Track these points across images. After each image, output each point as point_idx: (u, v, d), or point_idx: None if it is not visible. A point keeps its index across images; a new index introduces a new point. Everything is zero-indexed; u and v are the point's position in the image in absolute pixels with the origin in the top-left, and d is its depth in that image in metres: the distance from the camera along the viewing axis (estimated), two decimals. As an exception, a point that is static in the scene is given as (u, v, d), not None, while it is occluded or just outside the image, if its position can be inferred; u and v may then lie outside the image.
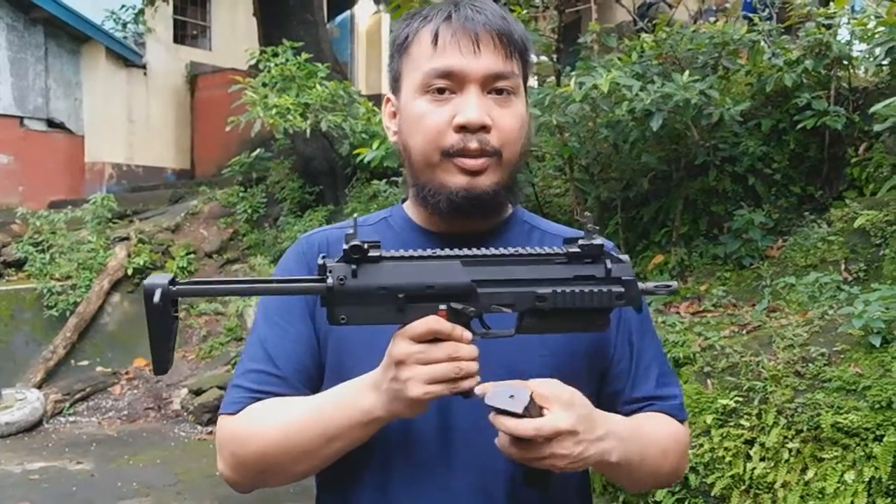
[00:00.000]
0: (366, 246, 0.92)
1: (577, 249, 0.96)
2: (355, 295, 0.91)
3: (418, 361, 0.91)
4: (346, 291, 0.91)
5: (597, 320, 0.97)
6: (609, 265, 0.96)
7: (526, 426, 0.90)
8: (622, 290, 0.95)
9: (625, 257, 0.98)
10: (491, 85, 1.06)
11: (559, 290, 0.94)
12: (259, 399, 1.08)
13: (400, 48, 1.12)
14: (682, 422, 1.17)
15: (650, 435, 1.09)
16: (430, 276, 0.93)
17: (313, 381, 1.11)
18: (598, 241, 0.96)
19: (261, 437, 1.04)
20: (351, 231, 0.93)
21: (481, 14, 1.07)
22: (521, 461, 0.94)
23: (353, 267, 0.91)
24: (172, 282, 0.90)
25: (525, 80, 1.14)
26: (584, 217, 0.98)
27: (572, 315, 0.95)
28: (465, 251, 0.95)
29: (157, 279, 0.89)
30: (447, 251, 0.95)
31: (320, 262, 0.93)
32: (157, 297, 0.89)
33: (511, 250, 0.96)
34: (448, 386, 0.91)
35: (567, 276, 0.95)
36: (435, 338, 0.91)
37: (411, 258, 0.94)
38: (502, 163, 1.07)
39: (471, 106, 1.04)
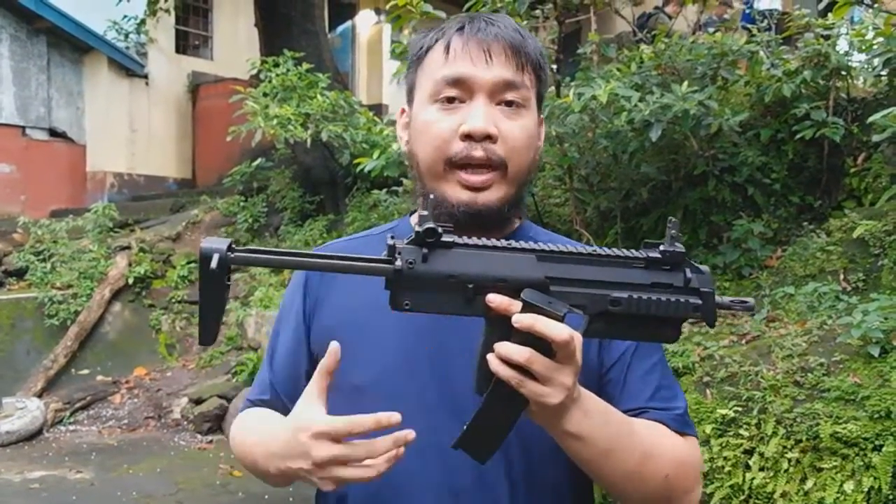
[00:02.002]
0: (440, 230, 0.87)
1: (658, 255, 0.91)
2: (423, 280, 0.86)
3: (337, 464, 0.91)
4: (414, 276, 0.86)
5: (667, 330, 0.92)
6: (689, 274, 0.91)
7: (563, 330, 0.84)
8: (699, 301, 0.90)
9: (705, 268, 0.93)
10: (500, 95, 1.06)
11: (635, 295, 0.89)
12: (256, 405, 1.20)
13: (415, 60, 1.13)
14: (682, 435, 1.09)
15: (634, 433, 1.01)
16: (502, 268, 0.87)
17: (303, 385, 1.15)
18: (680, 248, 0.92)
19: (237, 447, 1.17)
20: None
21: (494, 26, 1.08)
22: (500, 372, 0.86)
23: (425, 251, 0.87)
24: (230, 248, 0.84)
25: (539, 95, 1.13)
26: (670, 223, 0.93)
27: (643, 322, 0.90)
28: (542, 245, 0.91)
29: (215, 243, 0.84)
30: (522, 244, 0.90)
31: (390, 241, 0.88)
32: (214, 263, 0.83)
33: (589, 249, 0.93)
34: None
35: (644, 281, 0.90)
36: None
37: (485, 247, 0.89)
38: (508, 176, 1.07)
39: (477, 114, 1.05)
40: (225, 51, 12.43)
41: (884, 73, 4.45)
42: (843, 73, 4.51)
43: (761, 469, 3.02)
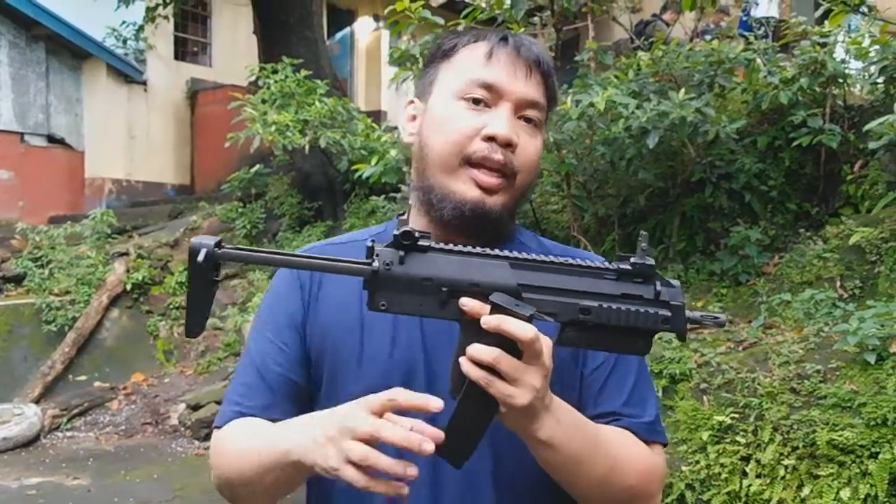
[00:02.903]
0: (416, 234, 0.90)
1: (629, 267, 0.94)
2: (399, 282, 0.89)
3: (370, 439, 0.86)
4: (390, 277, 0.89)
5: (638, 342, 0.94)
6: (659, 287, 0.93)
7: (528, 329, 0.85)
8: (668, 314, 0.92)
9: (675, 283, 0.95)
10: (523, 111, 1.11)
11: (605, 305, 0.91)
12: (243, 414, 1.13)
13: (443, 54, 1.16)
14: (649, 443, 1.11)
15: (603, 443, 1.03)
16: (477, 273, 0.90)
17: (301, 391, 1.15)
18: (650, 261, 0.94)
19: (224, 459, 1.11)
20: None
21: (535, 48, 1.14)
22: (470, 372, 0.87)
23: (401, 253, 0.90)
24: (218, 244, 0.89)
25: (547, 118, 1.19)
26: (641, 236, 0.95)
27: (614, 333, 0.92)
28: (516, 253, 0.93)
29: (205, 239, 0.89)
30: (497, 251, 0.93)
31: (369, 244, 0.91)
32: (201, 257, 0.88)
33: (562, 259, 0.95)
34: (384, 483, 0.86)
35: (614, 292, 0.93)
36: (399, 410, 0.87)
37: (460, 253, 0.92)
38: (514, 186, 1.11)
39: (504, 120, 1.08)
40: (223, 57, 12.45)
41: (880, 80, 4.47)
42: (840, 80, 4.53)
43: (758, 476, 3.03)
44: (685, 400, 3.38)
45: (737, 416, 3.18)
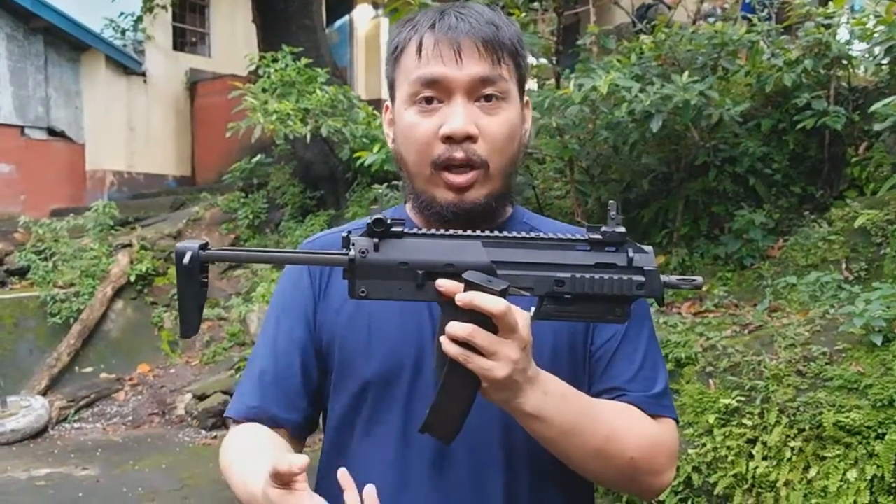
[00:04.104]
0: (389, 221, 0.93)
1: (600, 236, 0.95)
2: (376, 268, 0.92)
3: None
4: (367, 264, 0.92)
5: (616, 310, 0.95)
6: (631, 254, 0.95)
7: (499, 302, 0.87)
8: (643, 279, 0.94)
9: (648, 248, 0.96)
10: (478, 92, 1.06)
11: (578, 275, 0.93)
12: (254, 411, 1.15)
13: (392, 57, 1.13)
14: (656, 418, 1.10)
15: (597, 413, 1.03)
16: (450, 254, 0.93)
17: (311, 380, 1.17)
18: (621, 229, 0.95)
19: (225, 461, 1.12)
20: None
21: (465, 22, 1.07)
22: (449, 350, 0.90)
23: (376, 241, 0.92)
24: (203, 247, 0.92)
25: (521, 81, 1.13)
26: (610, 205, 0.96)
27: (592, 303, 0.94)
28: (487, 232, 0.95)
29: (189, 243, 0.93)
30: (469, 231, 0.95)
31: (344, 234, 0.94)
32: (186, 259, 0.91)
33: (532, 234, 0.96)
34: None
35: (588, 262, 0.94)
36: None
37: (433, 236, 0.94)
38: (491, 172, 1.08)
39: (456, 115, 1.05)
40: (223, 47, 12.40)
41: (885, 61, 4.45)
42: (844, 62, 4.50)
43: (764, 458, 3.03)
44: (691, 383, 3.38)
45: (743, 398, 3.18)
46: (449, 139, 1.05)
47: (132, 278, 7.54)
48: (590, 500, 1.20)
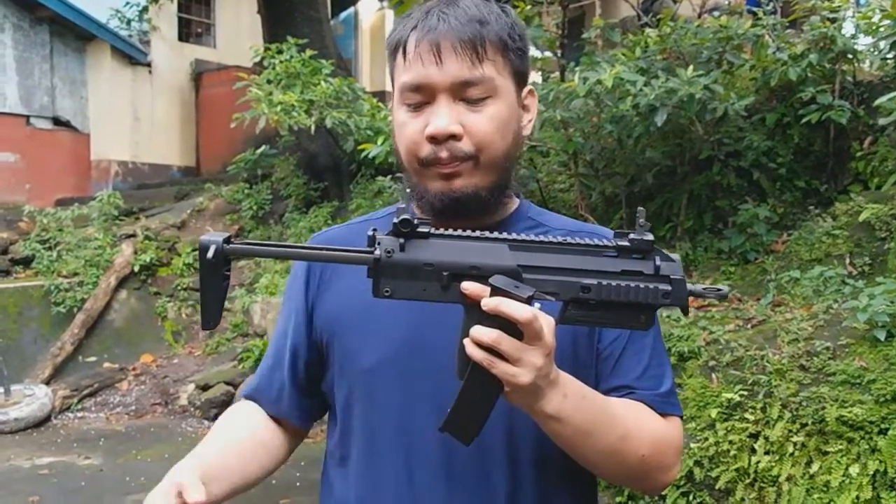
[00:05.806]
0: (416, 221, 0.91)
1: (627, 243, 0.94)
2: (401, 268, 0.91)
3: None
4: (392, 264, 0.91)
5: (641, 317, 0.95)
6: (658, 262, 0.94)
7: (525, 309, 0.86)
8: (669, 288, 0.93)
9: (675, 256, 0.95)
10: (460, 94, 1.06)
11: (605, 282, 0.92)
12: (252, 393, 1.27)
13: (389, 55, 1.14)
14: (663, 415, 1.11)
15: (613, 414, 1.03)
16: (476, 256, 0.92)
17: (312, 370, 1.22)
18: (649, 236, 0.94)
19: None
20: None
21: (445, 22, 1.05)
22: (473, 354, 0.89)
23: (402, 241, 0.92)
24: (227, 240, 0.92)
25: (518, 73, 1.12)
26: (639, 212, 0.95)
27: (616, 309, 0.93)
28: (514, 235, 0.95)
29: (213, 236, 0.92)
30: (496, 234, 0.95)
31: (370, 233, 0.93)
32: (210, 253, 0.91)
33: (560, 239, 0.95)
34: None
35: (614, 269, 0.94)
36: None
37: (459, 237, 0.93)
38: (480, 165, 1.07)
39: (438, 116, 1.05)
40: (228, 38, 12.39)
41: (890, 55, 4.43)
42: (850, 56, 4.48)
43: (767, 453, 3.03)
44: (694, 377, 3.38)
45: (745, 393, 3.18)
46: (433, 139, 1.05)
47: (136, 268, 7.56)
48: (593, 500, 1.21)
